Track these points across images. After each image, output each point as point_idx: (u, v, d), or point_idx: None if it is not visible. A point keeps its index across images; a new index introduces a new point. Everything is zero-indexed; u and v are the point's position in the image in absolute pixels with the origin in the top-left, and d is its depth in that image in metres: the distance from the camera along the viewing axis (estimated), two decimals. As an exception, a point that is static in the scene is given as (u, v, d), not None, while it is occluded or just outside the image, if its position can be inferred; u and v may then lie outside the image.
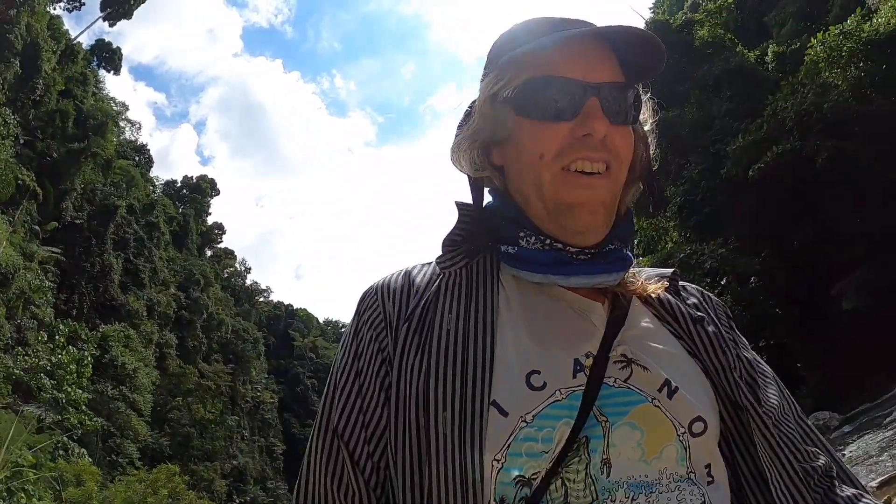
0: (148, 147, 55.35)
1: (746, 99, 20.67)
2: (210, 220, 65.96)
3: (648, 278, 1.20)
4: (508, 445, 0.95)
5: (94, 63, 46.04)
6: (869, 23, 16.36)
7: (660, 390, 1.01)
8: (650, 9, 45.15)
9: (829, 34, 16.83)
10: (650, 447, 0.98)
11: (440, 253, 1.14)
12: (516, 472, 0.95)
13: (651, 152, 1.19)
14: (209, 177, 64.60)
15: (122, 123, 49.40)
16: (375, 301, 1.14)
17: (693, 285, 1.28)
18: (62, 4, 42.21)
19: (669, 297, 1.16)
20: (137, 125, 52.92)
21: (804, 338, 18.70)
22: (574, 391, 0.98)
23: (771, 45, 22.33)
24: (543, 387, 0.98)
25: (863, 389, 15.00)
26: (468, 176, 1.20)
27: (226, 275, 66.82)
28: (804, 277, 18.66)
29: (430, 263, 1.17)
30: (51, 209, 36.56)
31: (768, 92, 19.89)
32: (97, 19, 45.02)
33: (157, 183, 56.39)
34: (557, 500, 0.94)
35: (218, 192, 64.26)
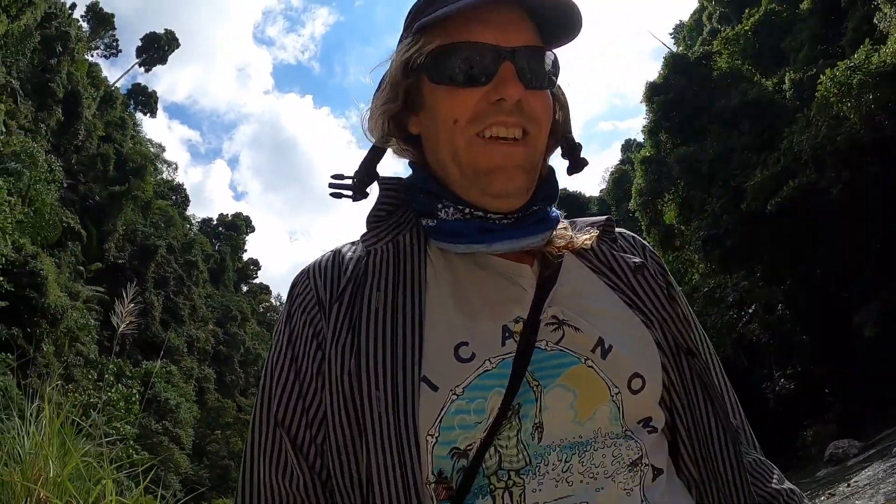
0: (184, 186, 56.85)
1: (764, 131, 21.01)
2: (245, 257, 67.38)
3: (581, 230, 1.19)
4: (441, 419, 0.95)
5: (132, 107, 47.85)
6: (877, 55, 16.72)
7: (593, 350, 1.01)
8: (670, 34, 45.43)
9: (838, 69, 17.16)
10: (583, 408, 0.98)
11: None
12: (451, 445, 0.95)
13: (567, 114, 1.19)
14: (244, 214, 66.50)
15: (159, 164, 50.97)
16: (308, 284, 1.12)
17: (630, 233, 1.26)
18: (100, 51, 44.11)
19: (604, 247, 1.15)
20: (174, 166, 54.58)
21: (830, 365, 18.84)
22: (504, 358, 0.98)
23: (788, 73, 22.62)
24: (472, 358, 0.98)
25: (886, 416, 15.18)
26: (374, 146, 1.20)
27: (261, 309, 67.76)
28: (827, 306, 18.87)
29: (358, 242, 1.15)
30: (94, 250, 37.79)
31: (786, 123, 20.26)
32: (133, 65, 46.94)
33: (193, 221, 57.92)
34: (492, 468, 0.95)
35: (253, 230, 65.80)
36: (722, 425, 1.09)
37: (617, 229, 1.22)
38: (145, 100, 49.24)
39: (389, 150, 1.22)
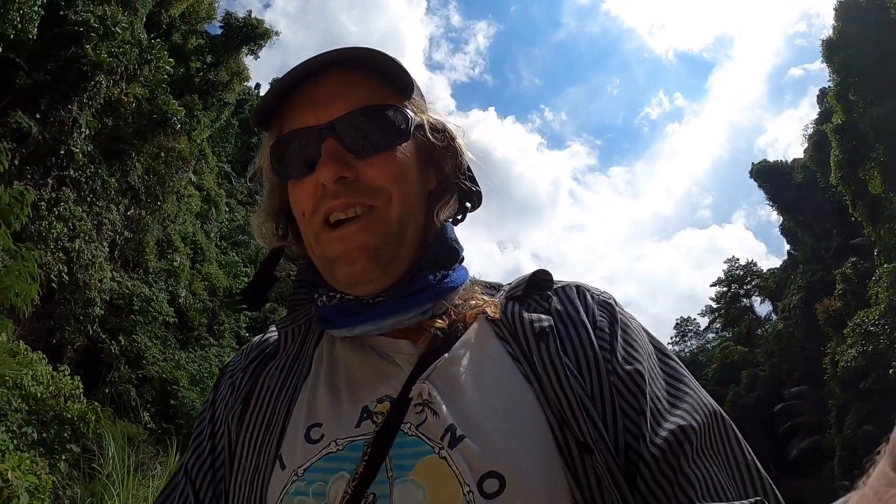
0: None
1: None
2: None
3: (505, 290, 1.09)
4: (281, 500, 0.90)
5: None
6: None
7: (442, 438, 0.88)
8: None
9: None
10: None
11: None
12: None
13: (460, 155, 1.11)
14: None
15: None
16: (239, 356, 1.16)
17: (577, 285, 1.08)
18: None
19: (516, 308, 1.02)
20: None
21: None
22: (353, 441, 0.91)
23: None
24: (321, 439, 0.94)
25: None
26: (272, 251, 1.16)
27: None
28: None
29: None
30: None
31: None
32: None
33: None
34: None
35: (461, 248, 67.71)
36: None
37: (561, 282, 1.08)
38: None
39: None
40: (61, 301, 12.37)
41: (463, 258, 1.13)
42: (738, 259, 50.32)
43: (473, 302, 1.06)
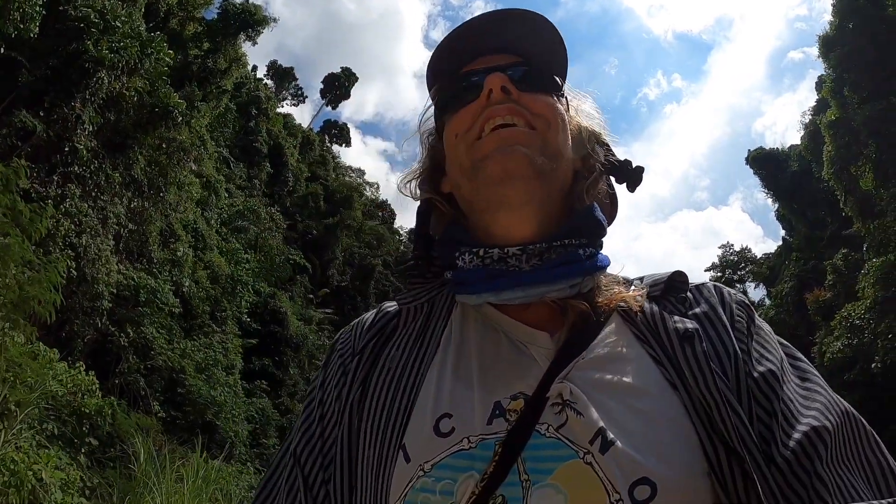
0: (388, 203, 60.44)
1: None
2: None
3: (647, 286, 1.04)
4: (405, 495, 0.87)
5: (327, 143, 51.93)
6: None
7: (591, 442, 0.84)
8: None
9: None
10: None
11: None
12: None
13: (606, 146, 1.13)
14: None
15: (361, 186, 54.69)
16: (350, 334, 1.12)
17: (714, 285, 1.05)
18: (288, 101, 48.31)
19: (656, 308, 0.99)
20: (376, 185, 58.02)
21: None
22: (486, 439, 0.87)
23: None
24: (451, 433, 0.89)
25: None
26: (420, 215, 1.16)
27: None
28: None
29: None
30: (319, 277, 41.53)
31: None
32: (322, 106, 50.87)
33: (402, 233, 61.32)
34: None
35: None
36: None
37: (698, 283, 1.05)
38: (338, 133, 53.14)
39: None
40: (70, 295, 12.63)
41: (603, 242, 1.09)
42: (732, 245, 50.90)
43: (617, 291, 1.02)
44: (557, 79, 1.09)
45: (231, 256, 23.48)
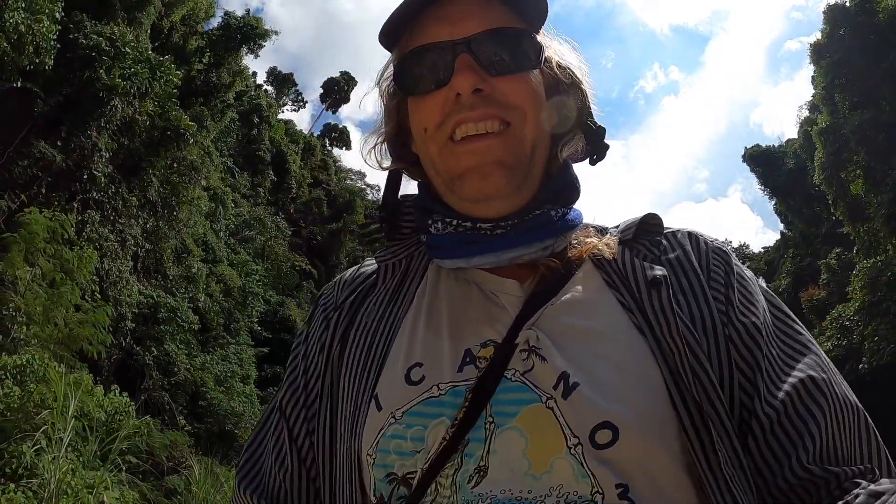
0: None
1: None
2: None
3: (619, 231, 1.04)
4: (377, 442, 0.89)
5: (328, 146, 52.37)
6: None
7: (554, 387, 0.84)
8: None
9: None
10: (537, 459, 0.82)
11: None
12: (387, 470, 0.88)
13: (586, 96, 1.06)
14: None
15: (364, 189, 55.12)
16: (332, 290, 1.14)
17: (688, 230, 1.04)
18: (288, 107, 48.76)
19: (627, 255, 0.98)
20: (377, 188, 58.46)
21: None
22: (456, 386, 0.89)
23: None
24: (421, 381, 0.91)
25: None
26: (390, 174, 1.14)
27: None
28: None
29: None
30: (324, 282, 41.73)
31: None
32: (322, 112, 51.33)
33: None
34: None
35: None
36: None
37: (671, 228, 1.04)
38: (338, 136, 53.56)
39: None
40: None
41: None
42: (730, 242, 51.07)
43: (590, 240, 1.03)
44: (535, 36, 1.01)
45: (241, 268, 23.94)
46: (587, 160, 1.11)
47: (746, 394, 0.88)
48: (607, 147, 1.09)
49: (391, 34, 1.01)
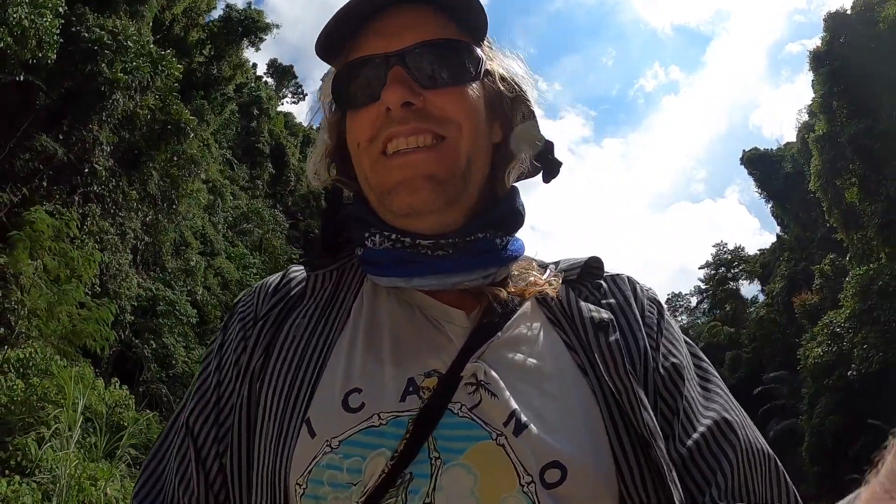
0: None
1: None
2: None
3: (562, 271, 1.04)
4: (309, 472, 0.84)
5: (327, 140, 52.20)
6: None
7: (505, 424, 0.84)
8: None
9: None
10: (486, 496, 0.80)
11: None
12: (318, 501, 0.83)
13: (532, 109, 1.04)
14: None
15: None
16: (252, 298, 1.07)
17: (628, 277, 1.06)
18: (288, 100, 48.73)
19: (572, 295, 0.99)
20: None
21: None
22: (399, 416, 0.85)
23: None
24: (360, 408, 0.86)
25: None
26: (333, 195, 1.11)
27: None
28: None
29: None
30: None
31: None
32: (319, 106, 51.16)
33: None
34: None
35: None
36: None
37: (611, 272, 1.06)
38: (336, 129, 53.61)
39: None
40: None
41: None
42: (726, 244, 51.53)
43: (532, 278, 1.01)
44: (474, 47, 0.99)
45: (239, 261, 24.03)
46: (540, 177, 1.11)
47: (665, 437, 0.90)
48: (559, 164, 1.08)
49: (328, 49, 1.00)
